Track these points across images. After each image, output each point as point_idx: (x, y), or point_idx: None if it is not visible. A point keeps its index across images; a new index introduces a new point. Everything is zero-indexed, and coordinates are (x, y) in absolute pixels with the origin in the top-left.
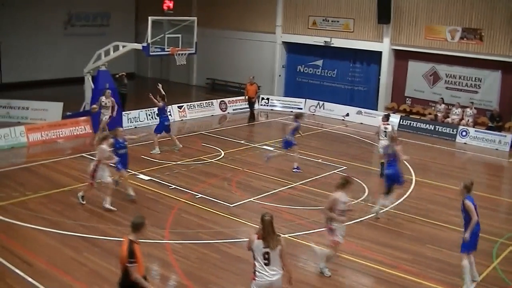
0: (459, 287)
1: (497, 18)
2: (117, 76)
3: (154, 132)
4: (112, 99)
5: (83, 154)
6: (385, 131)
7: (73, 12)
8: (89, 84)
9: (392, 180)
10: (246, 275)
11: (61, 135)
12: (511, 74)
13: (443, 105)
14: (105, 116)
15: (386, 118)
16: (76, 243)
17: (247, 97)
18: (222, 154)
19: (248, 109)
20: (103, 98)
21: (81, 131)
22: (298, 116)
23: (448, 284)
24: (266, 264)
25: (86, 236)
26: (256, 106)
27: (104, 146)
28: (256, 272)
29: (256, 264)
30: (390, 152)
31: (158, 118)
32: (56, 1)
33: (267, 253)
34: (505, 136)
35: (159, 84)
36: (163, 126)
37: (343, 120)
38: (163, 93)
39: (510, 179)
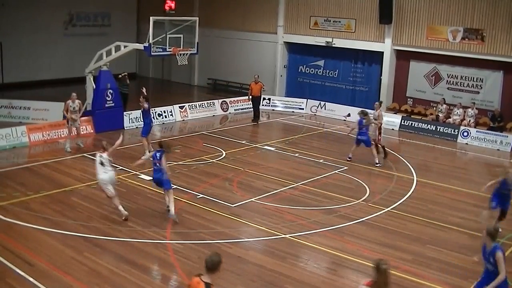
0: (459, 287)
1: (499, 18)
2: (119, 76)
3: (141, 136)
4: (79, 101)
5: (85, 154)
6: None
7: (74, 12)
8: (90, 84)
9: (364, 143)
10: (247, 275)
11: (62, 135)
12: None
13: (444, 106)
14: (76, 122)
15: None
16: (77, 243)
17: (250, 96)
18: (224, 154)
19: (251, 108)
20: (70, 102)
21: (83, 131)
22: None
23: (448, 284)
24: None
25: (87, 236)
26: (261, 106)
27: None
28: None
29: None
30: (365, 124)
31: (143, 120)
32: (56, 1)
33: None
34: (507, 136)
35: (143, 87)
36: (150, 128)
37: (344, 120)
38: (146, 95)
39: None
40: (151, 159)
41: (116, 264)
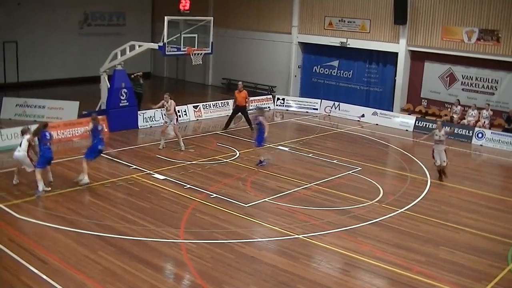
0: None
1: None
2: (132, 76)
3: (84, 158)
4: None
5: None
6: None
7: (88, 11)
8: (105, 83)
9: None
10: (260, 275)
11: (77, 134)
12: None
13: (459, 107)
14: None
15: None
16: (91, 242)
17: (234, 106)
18: (237, 154)
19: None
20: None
21: None
22: None
23: (462, 286)
24: None
25: (101, 234)
26: (272, 106)
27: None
28: None
29: None
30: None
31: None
32: (71, 1)
33: None
34: None
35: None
36: (94, 151)
37: (358, 121)
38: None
39: None
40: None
41: (129, 263)
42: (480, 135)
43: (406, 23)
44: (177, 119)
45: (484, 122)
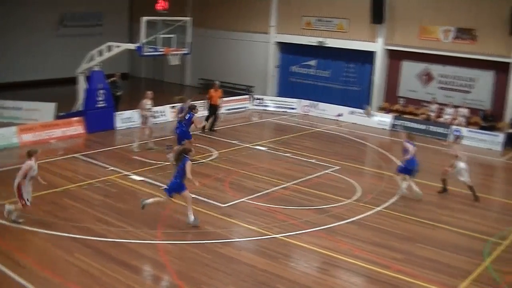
0: (451, 286)
1: (490, 18)
2: (110, 80)
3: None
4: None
5: (76, 155)
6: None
7: (65, 12)
8: (82, 85)
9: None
10: (239, 275)
11: (53, 136)
12: (504, 74)
13: (436, 105)
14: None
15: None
16: (68, 244)
17: (209, 104)
18: (215, 155)
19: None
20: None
21: (74, 131)
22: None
23: (440, 283)
24: None
25: (78, 236)
26: (250, 106)
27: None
28: None
29: None
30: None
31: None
32: (48, 1)
33: None
34: (498, 135)
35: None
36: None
37: (336, 120)
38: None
39: (502, 178)
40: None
41: (107, 264)
42: (456, 133)
43: (383, 22)
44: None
45: (461, 120)
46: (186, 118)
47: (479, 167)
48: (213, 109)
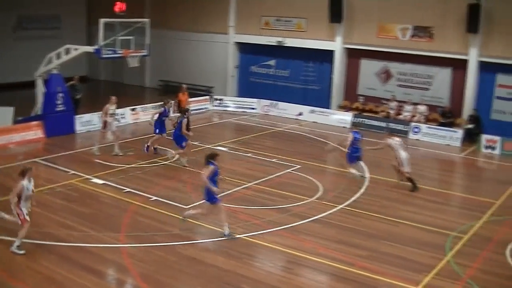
0: (414, 281)
1: (447, 16)
2: (69, 84)
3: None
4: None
5: (36, 159)
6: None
7: (23, 15)
8: (40, 88)
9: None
10: (204, 276)
11: (12, 141)
12: (461, 71)
13: (395, 103)
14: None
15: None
16: (31, 250)
17: (178, 108)
18: (177, 156)
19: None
20: (109, 106)
21: (33, 136)
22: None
23: (404, 278)
24: None
25: (41, 242)
26: (210, 106)
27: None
28: None
29: None
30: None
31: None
32: (5, 4)
33: None
34: (456, 131)
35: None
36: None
37: (296, 119)
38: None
39: (461, 173)
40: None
41: (71, 270)
42: (416, 129)
43: (342, 21)
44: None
45: (420, 117)
46: (178, 122)
47: (439, 163)
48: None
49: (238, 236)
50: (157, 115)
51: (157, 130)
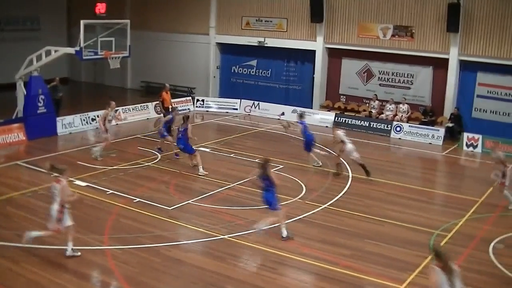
0: (399, 280)
1: (427, 15)
2: (50, 85)
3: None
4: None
5: (18, 162)
6: None
7: (1, 16)
8: (21, 90)
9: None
10: (188, 278)
11: None
12: (442, 70)
13: (377, 102)
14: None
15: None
16: (13, 254)
17: (164, 108)
18: (159, 157)
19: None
20: (109, 111)
21: (15, 138)
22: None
23: (388, 277)
24: None
25: (24, 245)
26: (192, 107)
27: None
28: None
29: None
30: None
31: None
32: None
33: None
34: (438, 130)
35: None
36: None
37: (278, 119)
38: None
39: (444, 172)
40: None
41: (54, 272)
42: (398, 128)
43: (322, 21)
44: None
45: (402, 116)
46: (181, 130)
47: (421, 161)
48: (167, 112)
49: (222, 236)
50: (162, 123)
51: (165, 133)
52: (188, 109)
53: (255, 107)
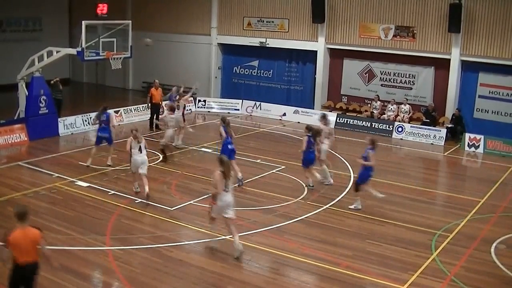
0: (400, 280)
1: (429, 16)
2: (52, 82)
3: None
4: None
5: (19, 163)
6: None
7: (3, 17)
8: (23, 91)
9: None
10: (189, 278)
11: None
12: (444, 70)
13: (378, 102)
14: None
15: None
16: None
17: (150, 104)
18: (161, 158)
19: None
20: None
21: (16, 139)
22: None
23: (389, 278)
24: None
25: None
26: (194, 108)
27: None
28: None
29: None
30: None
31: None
32: None
33: None
34: (440, 130)
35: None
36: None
37: (280, 120)
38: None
39: (445, 172)
40: None
41: (56, 273)
42: (400, 129)
43: (324, 21)
44: None
45: (403, 116)
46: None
47: (423, 162)
48: (155, 108)
49: (223, 237)
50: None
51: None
52: (190, 109)
53: (256, 108)
